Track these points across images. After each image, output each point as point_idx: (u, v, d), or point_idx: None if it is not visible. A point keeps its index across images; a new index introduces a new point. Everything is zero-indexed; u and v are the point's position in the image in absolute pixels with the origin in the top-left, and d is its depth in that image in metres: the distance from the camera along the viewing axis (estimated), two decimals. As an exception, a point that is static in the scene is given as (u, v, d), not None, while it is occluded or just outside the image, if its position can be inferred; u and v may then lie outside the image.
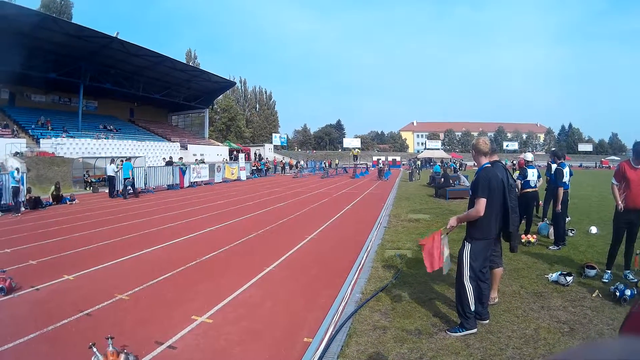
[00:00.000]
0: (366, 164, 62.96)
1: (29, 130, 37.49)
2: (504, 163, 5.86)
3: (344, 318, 5.37)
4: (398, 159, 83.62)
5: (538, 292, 6.48)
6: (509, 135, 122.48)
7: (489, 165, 5.27)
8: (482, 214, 4.96)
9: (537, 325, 5.25)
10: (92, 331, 5.22)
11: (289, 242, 10.53)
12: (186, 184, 29.47)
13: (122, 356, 4.37)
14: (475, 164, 5.41)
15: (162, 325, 5.53)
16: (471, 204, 5.15)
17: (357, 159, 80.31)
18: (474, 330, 5.01)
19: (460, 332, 4.99)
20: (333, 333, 4.90)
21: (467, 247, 5.15)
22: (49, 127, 39.00)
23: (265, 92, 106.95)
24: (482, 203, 4.97)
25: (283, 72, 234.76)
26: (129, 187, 23.91)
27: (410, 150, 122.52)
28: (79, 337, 5.14)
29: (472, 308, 5.02)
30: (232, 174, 36.99)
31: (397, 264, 7.97)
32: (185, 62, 61.27)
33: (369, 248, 9.51)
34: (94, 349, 4.30)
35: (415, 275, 7.12)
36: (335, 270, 7.83)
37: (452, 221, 5.28)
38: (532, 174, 10.66)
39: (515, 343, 4.75)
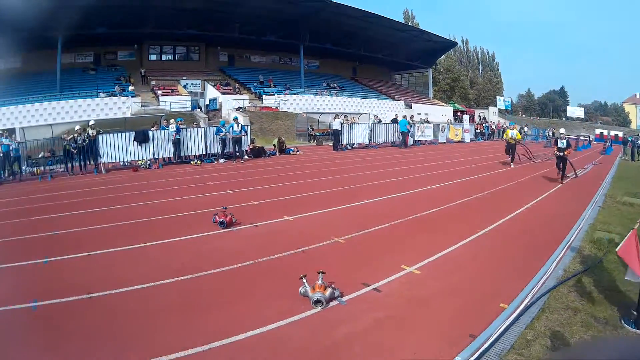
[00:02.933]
0: (589, 137, 53.26)
1: (251, 88, 39.47)
2: None
3: (542, 292, 5.19)
4: (620, 134, 69.45)
5: None
6: None
7: None
8: None
9: None
10: (304, 266, 5.49)
11: (502, 209, 9.90)
12: (410, 142, 27.89)
13: (329, 290, 4.62)
14: None
15: (371, 269, 5.72)
16: None
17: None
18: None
19: None
20: (528, 304, 4.79)
21: None
22: (271, 85, 40.52)
23: (488, 53, 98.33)
24: None
25: (505, 34, 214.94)
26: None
27: (633, 125, 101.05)
28: (291, 269, 5.55)
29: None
30: (456, 135, 34.75)
31: (604, 247, 7.15)
32: (403, 22, 58.86)
33: (580, 226, 8.65)
34: (304, 280, 4.68)
35: (619, 263, 6.11)
36: (542, 244, 7.26)
37: None
38: None
39: None
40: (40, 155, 18.41)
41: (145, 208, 9.86)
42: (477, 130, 39.02)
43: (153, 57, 41.25)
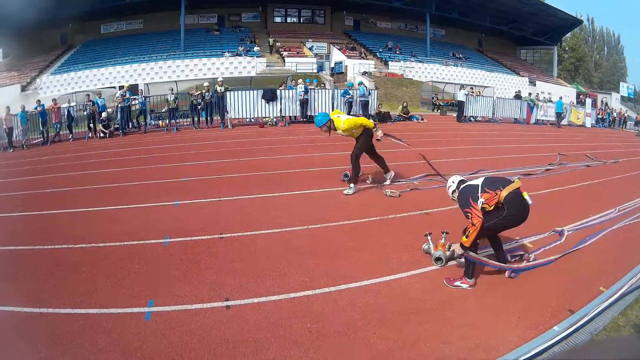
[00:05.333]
0: None
1: (377, 53, 38.62)
2: None
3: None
4: None
5: None
6: None
7: None
8: None
9: None
10: (428, 225, 5.51)
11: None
12: (532, 120, 26.25)
13: (451, 249, 4.63)
14: None
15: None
16: None
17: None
18: None
19: None
20: (625, 292, 4.56)
21: None
22: (397, 51, 39.51)
23: (613, 35, 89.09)
24: None
25: (633, 15, 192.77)
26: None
27: None
28: (415, 227, 5.68)
29: None
30: (578, 118, 31.63)
31: None
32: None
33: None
34: (429, 238, 4.84)
35: None
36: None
37: None
38: None
39: None
40: (163, 110, 19.07)
41: (275, 162, 10.07)
42: (598, 116, 35.47)
43: (278, 20, 41.56)
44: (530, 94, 29.93)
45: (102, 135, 17.50)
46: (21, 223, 6.69)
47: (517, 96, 28.82)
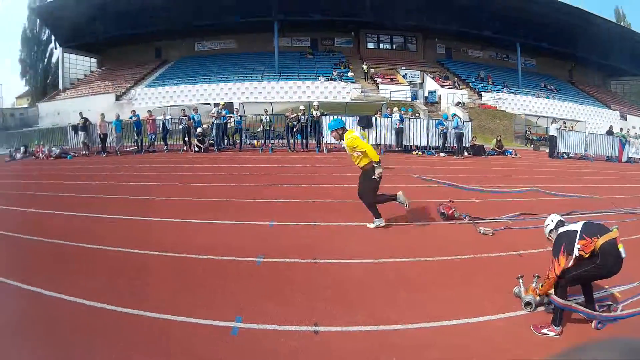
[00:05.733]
0: None
1: (470, 83, 38.08)
2: None
3: None
4: None
5: None
6: None
7: None
8: None
9: None
10: (521, 267, 5.12)
11: None
12: (624, 158, 23.99)
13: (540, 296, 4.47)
14: None
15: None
16: None
17: None
18: None
19: None
20: None
21: None
22: (490, 82, 38.82)
23: None
24: None
25: None
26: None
27: None
28: (506, 268, 5.33)
29: None
30: None
31: None
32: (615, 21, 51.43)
33: None
34: (520, 281, 4.61)
35: None
36: None
37: None
38: None
39: None
40: (259, 129, 19.40)
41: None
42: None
43: (370, 45, 41.22)
44: (621, 129, 28.12)
45: (196, 149, 18.15)
46: (120, 226, 7.19)
47: (610, 132, 26.93)
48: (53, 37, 52.21)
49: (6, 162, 22.51)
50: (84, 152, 20.81)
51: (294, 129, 17.85)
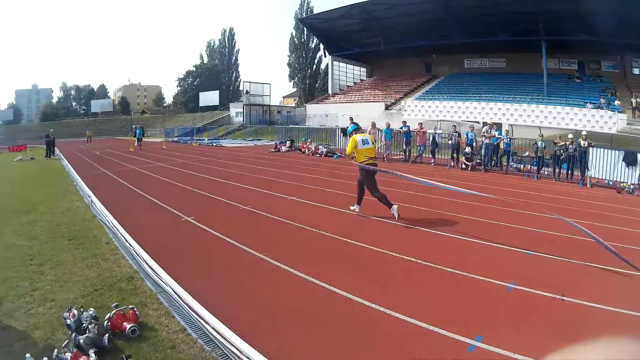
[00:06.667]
0: None
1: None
2: None
3: None
4: None
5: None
6: None
7: None
8: None
9: None
10: None
11: None
12: None
13: None
14: None
15: None
16: None
17: None
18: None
19: None
20: None
21: None
22: None
23: None
24: None
25: None
26: None
27: None
28: None
29: None
30: None
31: None
32: None
33: None
34: None
35: None
36: None
37: None
38: None
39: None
40: (526, 154, 19.02)
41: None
42: None
43: (636, 71, 37.00)
44: None
45: (463, 167, 18.82)
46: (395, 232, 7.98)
47: None
48: (322, 46, 58.26)
49: (270, 153, 26.66)
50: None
51: (561, 158, 16.88)
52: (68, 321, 4.17)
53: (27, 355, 3.52)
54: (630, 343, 0.89)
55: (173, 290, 5.06)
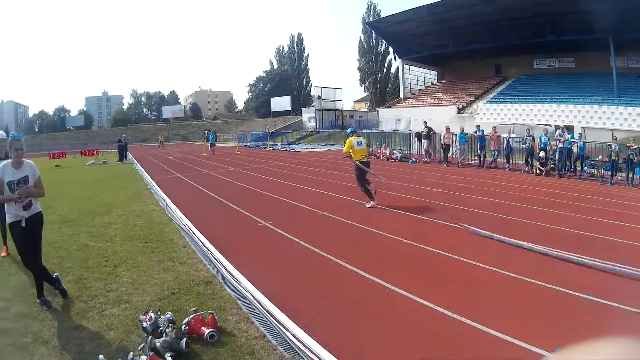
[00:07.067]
0: None
1: None
2: None
3: None
4: None
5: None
6: None
7: None
8: None
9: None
10: None
11: None
12: None
13: None
14: None
15: None
16: None
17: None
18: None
19: None
20: None
21: None
22: None
23: None
24: None
25: None
26: None
27: None
28: None
29: None
30: None
31: None
32: None
33: None
34: None
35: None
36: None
37: None
38: None
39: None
40: (599, 158, 18.51)
41: None
42: None
43: None
44: None
45: (537, 172, 18.38)
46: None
47: None
48: (391, 50, 58.93)
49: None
50: (425, 159, 23.27)
51: (634, 162, 15.83)
52: (144, 324, 4.26)
53: (100, 356, 3.66)
54: (630, 342, 0.82)
55: (253, 295, 5.09)
